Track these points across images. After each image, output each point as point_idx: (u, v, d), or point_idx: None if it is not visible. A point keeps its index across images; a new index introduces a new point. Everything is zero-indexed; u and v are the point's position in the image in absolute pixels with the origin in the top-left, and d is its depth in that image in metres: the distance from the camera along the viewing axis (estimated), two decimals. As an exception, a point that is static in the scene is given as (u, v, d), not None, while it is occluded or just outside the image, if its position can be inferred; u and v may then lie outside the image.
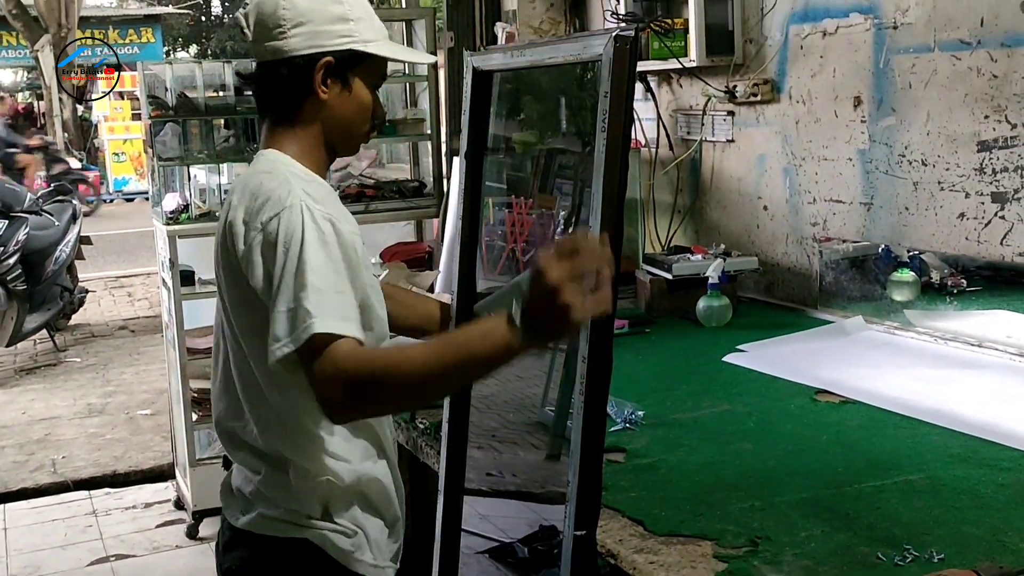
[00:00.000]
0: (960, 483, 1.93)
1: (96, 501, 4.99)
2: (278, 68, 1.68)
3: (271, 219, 1.56)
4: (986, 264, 2.81)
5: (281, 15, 1.67)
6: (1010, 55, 2.65)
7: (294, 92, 1.69)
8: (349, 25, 1.69)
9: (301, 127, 1.71)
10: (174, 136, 4.32)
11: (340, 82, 1.70)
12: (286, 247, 1.54)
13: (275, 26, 1.67)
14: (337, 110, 1.71)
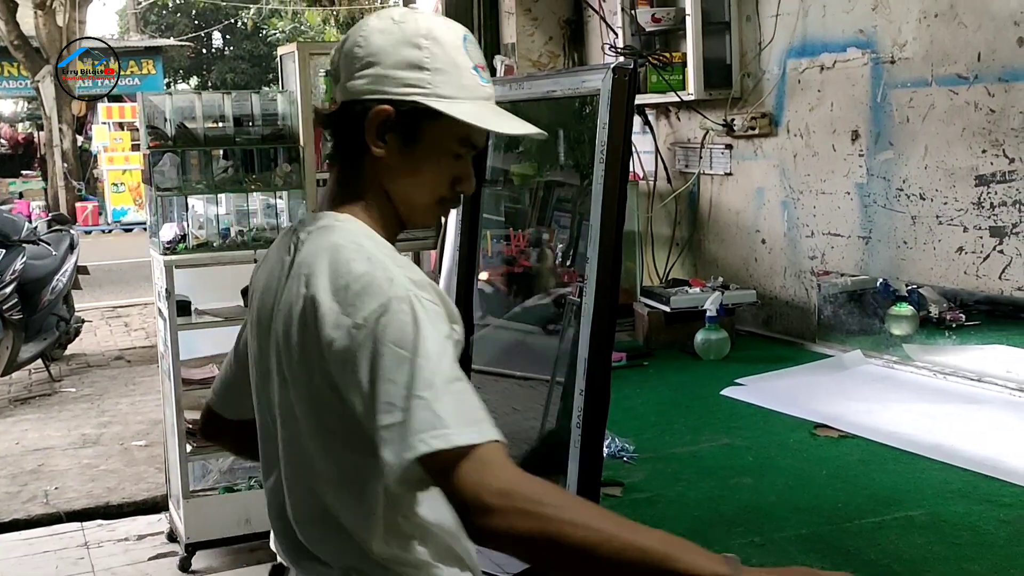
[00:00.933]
0: (960, 519, 1.91)
1: (88, 533, 4.94)
2: (337, 113, 1.48)
3: (378, 315, 1.31)
4: (985, 298, 2.80)
5: (356, 52, 1.47)
6: (1007, 90, 2.66)
7: (348, 143, 1.48)
8: (422, 75, 1.45)
9: (365, 186, 1.48)
10: (172, 166, 4.32)
11: (400, 139, 1.46)
12: (403, 348, 1.29)
13: (349, 64, 1.48)
14: (395, 171, 1.47)
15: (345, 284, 1.35)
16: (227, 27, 29.95)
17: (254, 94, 4.54)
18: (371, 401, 1.30)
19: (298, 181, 4.44)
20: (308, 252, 1.43)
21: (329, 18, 21.96)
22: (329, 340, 1.33)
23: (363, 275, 1.35)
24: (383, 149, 1.45)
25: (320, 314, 1.35)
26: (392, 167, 1.47)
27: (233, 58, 31.16)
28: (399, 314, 1.30)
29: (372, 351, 1.30)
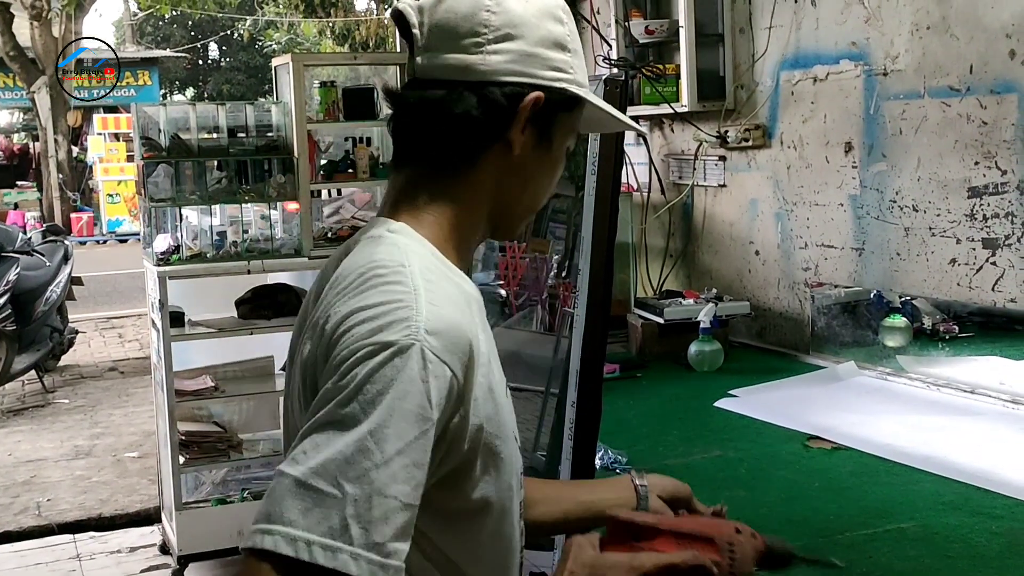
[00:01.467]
0: (953, 531, 1.90)
1: (80, 545, 4.92)
2: (461, 95, 1.15)
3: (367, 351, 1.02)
4: (978, 310, 2.80)
5: (484, 19, 1.16)
6: (999, 102, 2.67)
7: (475, 134, 1.17)
8: (566, 57, 1.20)
9: (464, 189, 1.19)
10: (166, 177, 4.32)
11: (538, 133, 1.19)
12: (364, 405, 1.00)
13: (470, 32, 1.16)
14: (525, 171, 1.21)
15: (356, 309, 1.06)
16: (223, 38, 30.00)
17: (248, 105, 4.55)
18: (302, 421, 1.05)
19: (292, 192, 4.44)
20: (345, 268, 1.13)
21: (325, 29, 22.02)
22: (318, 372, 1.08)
23: (381, 304, 1.05)
24: (522, 145, 1.18)
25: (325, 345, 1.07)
26: (517, 167, 1.20)
27: (229, 69, 31.20)
28: (386, 367, 1.01)
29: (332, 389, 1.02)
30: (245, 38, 26.48)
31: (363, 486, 0.98)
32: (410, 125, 1.20)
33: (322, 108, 4.60)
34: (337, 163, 4.68)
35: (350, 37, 21.10)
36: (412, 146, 1.20)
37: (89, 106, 18.48)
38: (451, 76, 1.16)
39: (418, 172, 1.20)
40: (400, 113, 1.21)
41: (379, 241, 1.14)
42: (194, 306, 4.53)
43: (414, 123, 1.19)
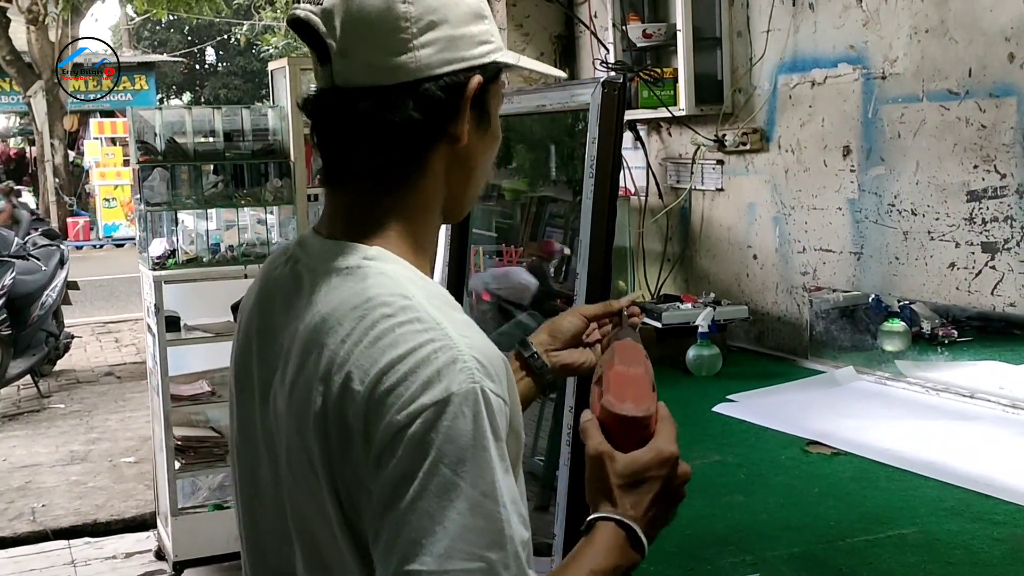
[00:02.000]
0: (954, 537, 1.89)
1: (76, 551, 4.90)
2: (395, 99, 1.06)
3: (433, 417, 0.95)
4: (977, 314, 2.79)
5: (402, 11, 1.05)
6: (998, 105, 2.66)
7: (419, 137, 1.08)
8: (488, 25, 1.13)
9: (416, 194, 1.11)
10: (162, 181, 4.31)
11: (477, 115, 1.12)
12: (455, 467, 0.95)
13: (392, 29, 1.06)
14: (472, 158, 1.14)
15: (389, 365, 0.97)
16: (220, 43, 30.00)
17: (244, 109, 4.54)
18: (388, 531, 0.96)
19: (289, 196, 4.43)
20: (331, 306, 1.04)
21: (322, 34, 21.99)
22: (363, 442, 0.98)
23: (413, 352, 0.98)
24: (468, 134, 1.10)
25: (350, 407, 0.99)
26: (464, 157, 1.12)
27: (226, 74, 31.20)
28: (459, 420, 0.95)
29: (405, 465, 0.95)
30: (242, 43, 26.48)
31: (501, 547, 0.95)
32: (342, 139, 1.09)
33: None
34: (333, 167, 4.66)
35: (347, 41, 21.08)
36: (350, 161, 1.10)
37: (86, 109, 18.46)
38: (379, 81, 1.06)
39: (364, 187, 1.10)
40: (326, 127, 1.10)
41: (362, 273, 1.05)
42: (190, 311, 4.52)
43: (347, 137, 1.08)
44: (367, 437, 0.97)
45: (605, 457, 1.10)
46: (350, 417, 0.99)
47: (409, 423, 0.95)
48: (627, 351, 1.33)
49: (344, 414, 0.99)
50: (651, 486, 1.10)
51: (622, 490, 1.09)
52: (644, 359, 1.31)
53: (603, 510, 1.09)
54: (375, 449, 0.97)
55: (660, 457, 1.10)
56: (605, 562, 1.06)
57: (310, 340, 1.04)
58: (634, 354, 1.32)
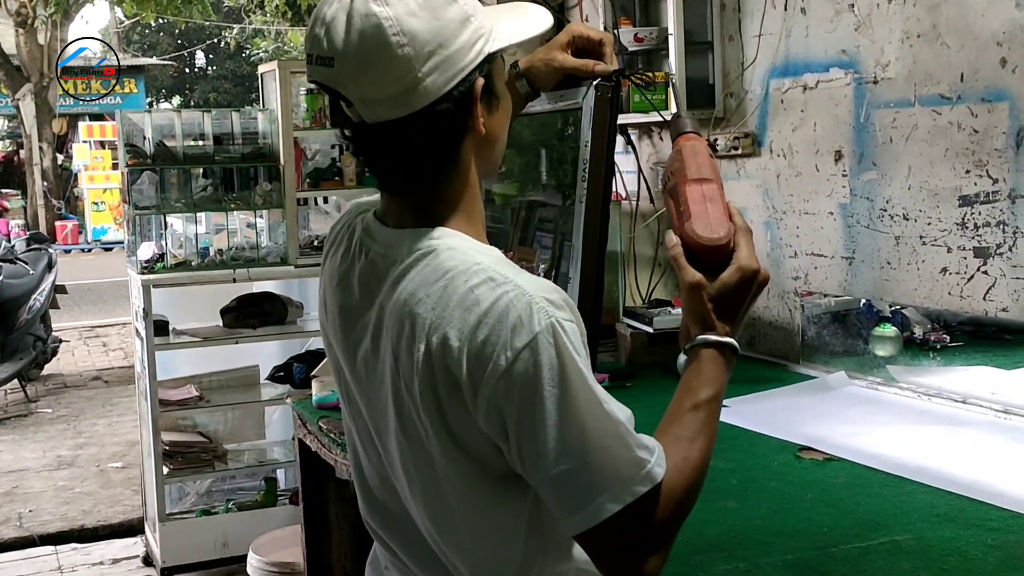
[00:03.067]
0: (948, 544, 1.88)
1: (62, 557, 4.87)
2: (415, 127, 1.23)
3: (525, 357, 1.16)
4: (969, 320, 2.79)
5: (403, 55, 1.20)
6: (991, 110, 2.65)
7: (445, 144, 1.27)
8: (475, 23, 1.25)
9: (458, 182, 1.30)
10: (151, 185, 4.29)
11: (487, 101, 1.29)
12: (561, 385, 1.17)
13: (399, 76, 1.20)
14: (492, 134, 1.32)
15: (477, 321, 1.18)
16: (210, 47, 29.95)
17: (234, 112, 4.52)
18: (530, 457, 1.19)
19: (278, 200, 4.42)
20: (416, 284, 1.24)
21: (312, 38, 21.97)
22: (469, 387, 1.19)
23: (495, 305, 1.18)
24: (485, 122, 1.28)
25: (452, 359, 1.19)
26: (486, 137, 1.30)
27: (216, 78, 31.15)
28: (546, 351, 1.16)
29: (522, 399, 1.17)
30: (232, 46, 26.43)
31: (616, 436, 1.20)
32: (384, 161, 1.28)
33: (309, 115, 4.57)
34: (324, 171, 4.65)
35: (337, 46, 21.06)
36: (395, 176, 1.29)
37: (75, 113, 18.39)
38: (399, 114, 1.22)
39: (417, 189, 1.29)
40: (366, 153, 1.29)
41: (435, 252, 1.24)
42: (179, 315, 4.50)
43: (387, 159, 1.27)
44: (473, 384, 1.18)
45: (700, 286, 1.31)
46: (453, 369, 1.19)
47: (510, 365, 1.16)
48: (694, 153, 1.41)
49: (448, 368, 1.19)
50: (740, 303, 1.33)
51: (716, 313, 1.32)
52: (710, 157, 1.40)
53: (703, 335, 1.32)
54: (486, 391, 1.18)
55: (745, 276, 1.32)
56: (716, 382, 1.33)
57: (403, 313, 1.23)
58: (701, 156, 1.41)
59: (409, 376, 1.23)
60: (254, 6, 21.11)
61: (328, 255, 1.42)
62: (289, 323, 4.55)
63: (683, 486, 1.27)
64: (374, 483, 1.43)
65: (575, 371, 1.17)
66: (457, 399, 1.20)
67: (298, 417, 3.00)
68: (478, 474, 1.25)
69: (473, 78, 1.24)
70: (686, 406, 1.33)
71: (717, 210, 1.33)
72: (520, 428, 1.17)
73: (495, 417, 1.19)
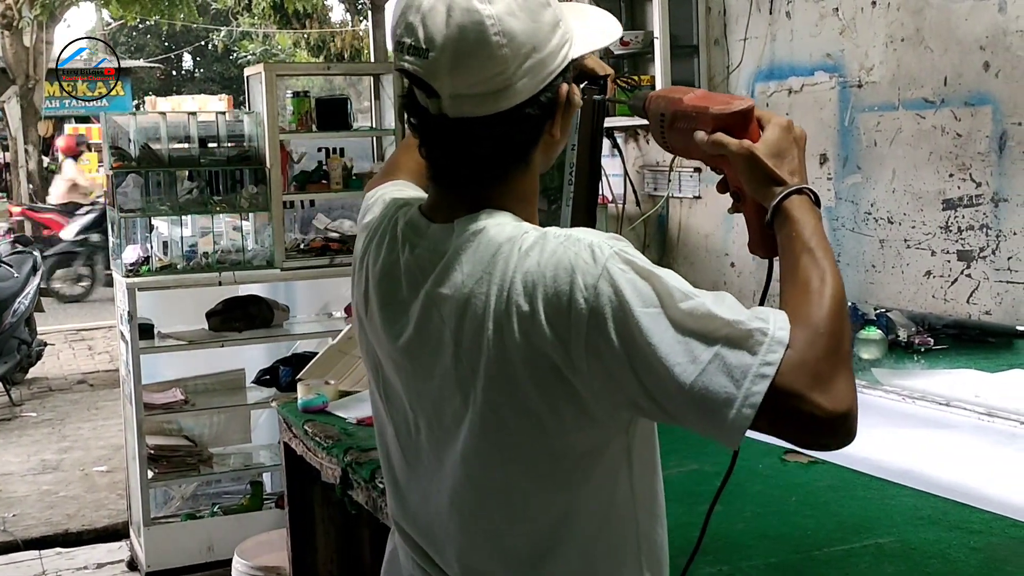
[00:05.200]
0: (931, 546, 1.88)
1: (46, 561, 4.84)
2: (503, 125, 1.23)
3: (599, 290, 1.13)
4: (952, 322, 2.80)
5: (501, 56, 1.19)
6: (973, 114, 2.67)
7: (525, 146, 1.26)
8: (562, 28, 1.26)
9: (524, 182, 1.30)
10: (136, 187, 4.27)
11: (566, 104, 1.30)
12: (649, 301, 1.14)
13: (493, 74, 1.19)
14: (559, 141, 1.31)
15: (541, 278, 1.16)
16: (197, 49, 29.87)
17: (220, 115, 4.50)
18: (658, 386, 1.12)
19: (264, 203, 4.40)
20: (471, 266, 1.22)
21: (300, 41, 21.97)
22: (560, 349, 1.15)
23: (553, 257, 1.16)
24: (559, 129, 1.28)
25: (529, 329, 1.15)
26: (550, 144, 1.30)
27: (203, 80, 31.06)
28: (622, 276, 1.13)
29: (619, 331, 1.12)
30: (219, 49, 26.38)
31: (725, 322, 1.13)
32: (455, 155, 1.25)
33: (295, 118, 4.56)
34: (310, 174, 4.64)
35: (325, 49, 21.06)
36: (461, 172, 1.27)
37: (62, 115, 18.32)
38: (485, 112, 1.21)
39: (482, 186, 1.27)
40: (438, 145, 1.27)
41: (484, 231, 1.22)
42: (164, 318, 4.48)
43: (460, 153, 1.24)
44: (562, 342, 1.14)
45: (751, 150, 1.28)
46: (534, 339, 1.15)
47: (593, 304, 1.12)
48: (668, 90, 1.41)
49: (528, 340, 1.15)
50: (792, 152, 1.30)
51: (779, 168, 1.28)
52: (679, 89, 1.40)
53: (777, 192, 1.28)
54: (579, 343, 1.13)
55: (783, 126, 1.30)
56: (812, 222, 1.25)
57: (461, 297, 1.21)
58: (674, 87, 1.43)
59: (476, 360, 1.19)
60: (241, 8, 21.08)
61: (368, 250, 1.37)
62: (275, 326, 4.53)
63: (827, 315, 1.17)
64: (408, 483, 1.39)
65: (657, 281, 1.15)
66: (543, 371, 1.16)
67: (283, 421, 2.99)
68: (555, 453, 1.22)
69: (558, 83, 1.24)
70: (797, 252, 1.25)
71: (721, 97, 1.32)
72: (633, 361, 1.12)
73: (597, 368, 1.14)
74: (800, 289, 1.23)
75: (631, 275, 1.14)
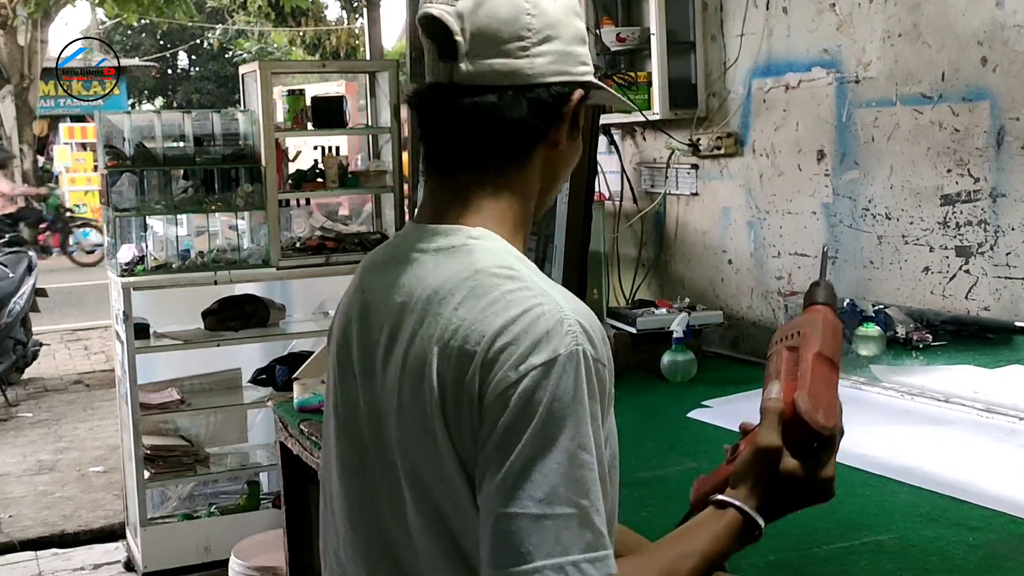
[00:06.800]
0: (930, 544, 1.87)
1: (43, 562, 4.82)
2: (513, 99, 1.18)
3: (540, 376, 1.07)
4: (951, 319, 2.79)
5: (526, 22, 1.18)
6: (971, 109, 2.66)
7: (527, 137, 1.22)
8: (587, 48, 1.27)
9: (517, 189, 1.24)
10: (131, 186, 4.25)
11: (571, 125, 1.26)
12: (558, 423, 1.06)
13: (514, 36, 1.18)
14: (561, 161, 1.27)
15: (501, 327, 1.09)
16: (193, 47, 29.81)
17: (215, 113, 4.49)
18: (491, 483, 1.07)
19: (259, 201, 4.39)
20: (441, 279, 1.16)
21: (296, 39, 21.93)
22: (476, 396, 1.09)
23: (524, 315, 1.09)
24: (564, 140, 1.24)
25: (466, 364, 1.09)
26: (557, 160, 1.26)
27: (199, 79, 31.00)
28: (560, 379, 1.07)
29: (513, 420, 1.06)
30: (215, 47, 26.32)
31: (591, 495, 1.07)
32: (457, 130, 1.20)
33: (290, 117, 4.55)
34: (305, 172, 4.63)
35: (321, 47, 21.03)
36: (463, 152, 1.22)
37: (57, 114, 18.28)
38: (499, 81, 1.18)
39: (471, 178, 1.22)
40: (440, 118, 1.22)
41: (467, 249, 1.17)
42: (160, 318, 4.46)
43: (463, 129, 1.20)
44: (480, 393, 1.09)
45: (775, 456, 1.19)
46: (467, 377, 1.09)
47: (519, 380, 1.07)
48: (834, 332, 1.30)
49: (460, 374, 1.10)
50: (791, 504, 1.24)
51: (767, 491, 1.20)
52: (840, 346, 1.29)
53: (739, 498, 1.20)
54: (486, 401, 1.08)
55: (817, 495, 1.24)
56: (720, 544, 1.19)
57: (423, 310, 1.15)
58: (836, 336, 1.30)
59: (419, 379, 1.14)
60: (237, 7, 21.03)
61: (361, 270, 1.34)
62: (271, 325, 4.52)
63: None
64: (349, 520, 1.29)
65: (580, 415, 1.07)
66: (463, 412, 1.10)
67: (280, 420, 2.98)
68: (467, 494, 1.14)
69: (574, 87, 1.23)
70: (677, 547, 1.20)
71: (832, 398, 1.22)
72: (497, 449, 1.07)
73: (487, 429, 1.09)
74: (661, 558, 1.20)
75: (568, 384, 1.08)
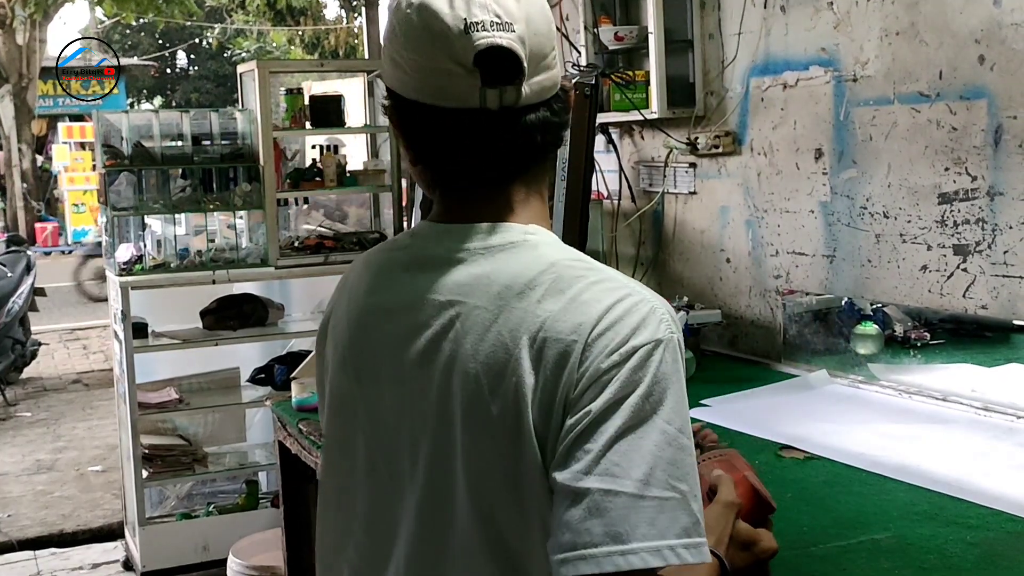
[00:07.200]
0: (927, 542, 1.88)
1: (41, 562, 4.82)
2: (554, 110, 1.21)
3: (636, 354, 1.06)
4: (949, 317, 2.79)
5: (551, 31, 1.22)
6: (969, 108, 2.66)
7: (557, 139, 1.24)
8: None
9: (540, 186, 1.26)
10: (129, 186, 4.25)
11: None
12: (655, 404, 1.05)
13: (550, 48, 1.21)
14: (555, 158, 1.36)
15: (598, 316, 1.08)
16: (192, 47, 29.80)
17: (213, 112, 4.49)
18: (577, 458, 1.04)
19: (258, 200, 4.39)
20: (511, 274, 1.13)
21: (294, 38, 21.93)
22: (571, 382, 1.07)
23: (618, 304, 1.09)
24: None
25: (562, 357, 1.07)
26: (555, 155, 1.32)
27: (198, 78, 30.99)
28: (665, 363, 1.07)
29: (612, 396, 1.05)
30: (214, 46, 26.31)
31: (690, 479, 1.05)
32: (517, 147, 1.19)
33: (288, 116, 4.54)
34: (304, 171, 4.63)
35: (320, 46, 21.02)
36: (512, 167, 1.21)
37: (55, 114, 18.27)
38: (547, 95, 1.20)
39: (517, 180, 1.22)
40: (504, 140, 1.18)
41: (531, 244, 1.16)
42: (158, 317, 4.46)
43: (523, 144, 1.19)
44: (578, 379, 1.06)
45: (736, 511, 1.35)
46: (565, 367, 1.07)
47: (623, 361, 1.06)
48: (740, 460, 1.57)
49: (557, 366, 1.07)
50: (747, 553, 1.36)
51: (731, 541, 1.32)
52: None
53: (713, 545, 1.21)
54: (580, 387, 1.06)
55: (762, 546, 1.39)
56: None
57: (496, 307, 1.11)
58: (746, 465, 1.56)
59: (495, 375, 1.09)
60: (235, 6, 21.02)
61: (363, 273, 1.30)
62: (270, 325, 4.52)
63: None
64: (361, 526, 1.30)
65: (679, 398, 1.07)
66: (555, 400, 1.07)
67: (278, 420, 2.98)
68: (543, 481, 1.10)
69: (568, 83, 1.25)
70: None
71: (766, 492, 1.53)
72: (591, 427, 1.04)
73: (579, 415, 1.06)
74: None
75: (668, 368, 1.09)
